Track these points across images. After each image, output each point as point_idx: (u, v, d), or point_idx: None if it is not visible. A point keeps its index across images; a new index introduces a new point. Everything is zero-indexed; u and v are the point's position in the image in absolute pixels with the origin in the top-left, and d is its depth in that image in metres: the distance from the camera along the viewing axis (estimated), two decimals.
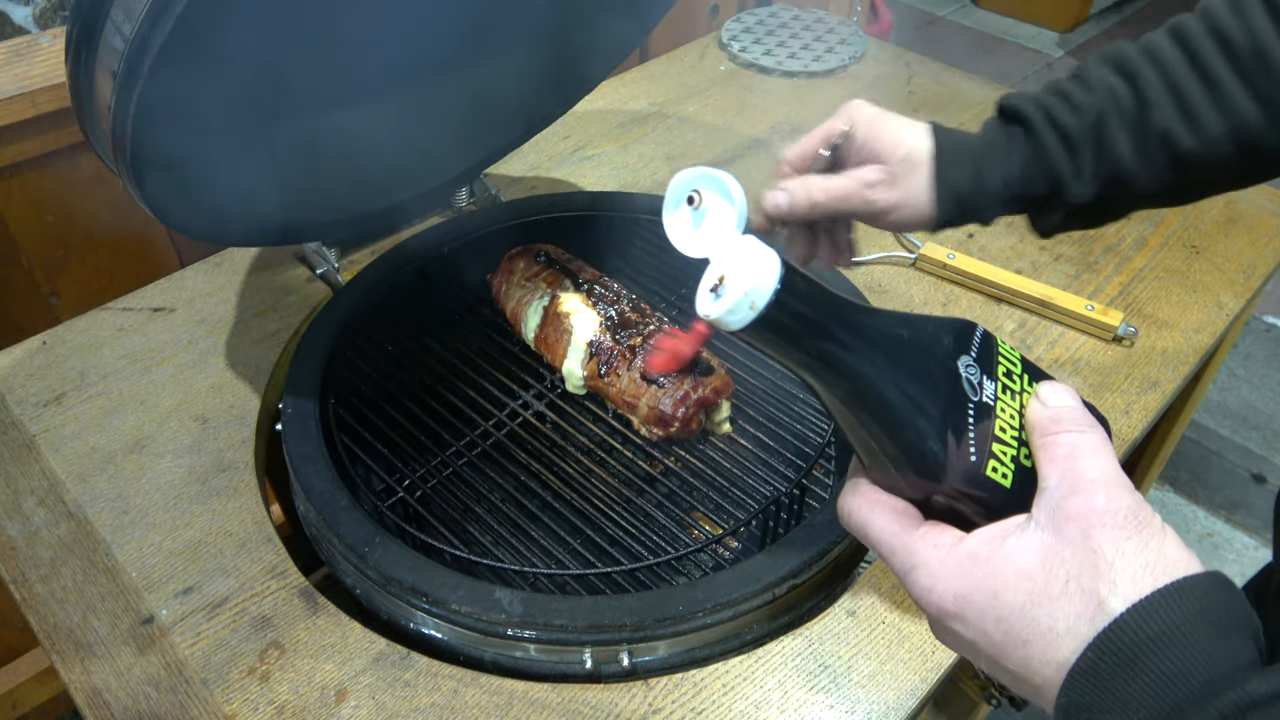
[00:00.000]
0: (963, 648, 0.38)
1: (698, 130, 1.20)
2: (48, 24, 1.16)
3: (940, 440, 0.37)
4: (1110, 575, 0.33)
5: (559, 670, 0.66)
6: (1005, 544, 0.36)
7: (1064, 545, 0.34)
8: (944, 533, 0.38)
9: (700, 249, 0.40)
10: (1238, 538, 1.82)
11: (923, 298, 0.96)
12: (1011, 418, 0.38)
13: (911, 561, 0.38)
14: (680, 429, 0.79)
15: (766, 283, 0.34)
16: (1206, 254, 1.02)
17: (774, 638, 0.66)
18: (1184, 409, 1.24)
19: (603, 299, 0.85)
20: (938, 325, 0.39)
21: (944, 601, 0.36)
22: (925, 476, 0.37)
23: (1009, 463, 0.37)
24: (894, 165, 0.61)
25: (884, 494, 0.40)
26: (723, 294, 0.35)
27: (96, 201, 1.09)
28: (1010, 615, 0.35)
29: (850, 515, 0.40)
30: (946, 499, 0.38)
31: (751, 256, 0.35)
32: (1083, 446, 0.36)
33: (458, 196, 1.04)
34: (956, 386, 0.37)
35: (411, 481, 0.78)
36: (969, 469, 0.37)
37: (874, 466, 0.40)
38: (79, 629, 0.67)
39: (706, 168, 0.41)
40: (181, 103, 0.61)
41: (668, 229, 0.41)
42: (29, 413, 0.83)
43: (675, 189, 0.42)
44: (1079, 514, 0.34)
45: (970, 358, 0.39)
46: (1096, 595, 0.33)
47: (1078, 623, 0.33)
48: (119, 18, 0.55)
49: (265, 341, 0.89)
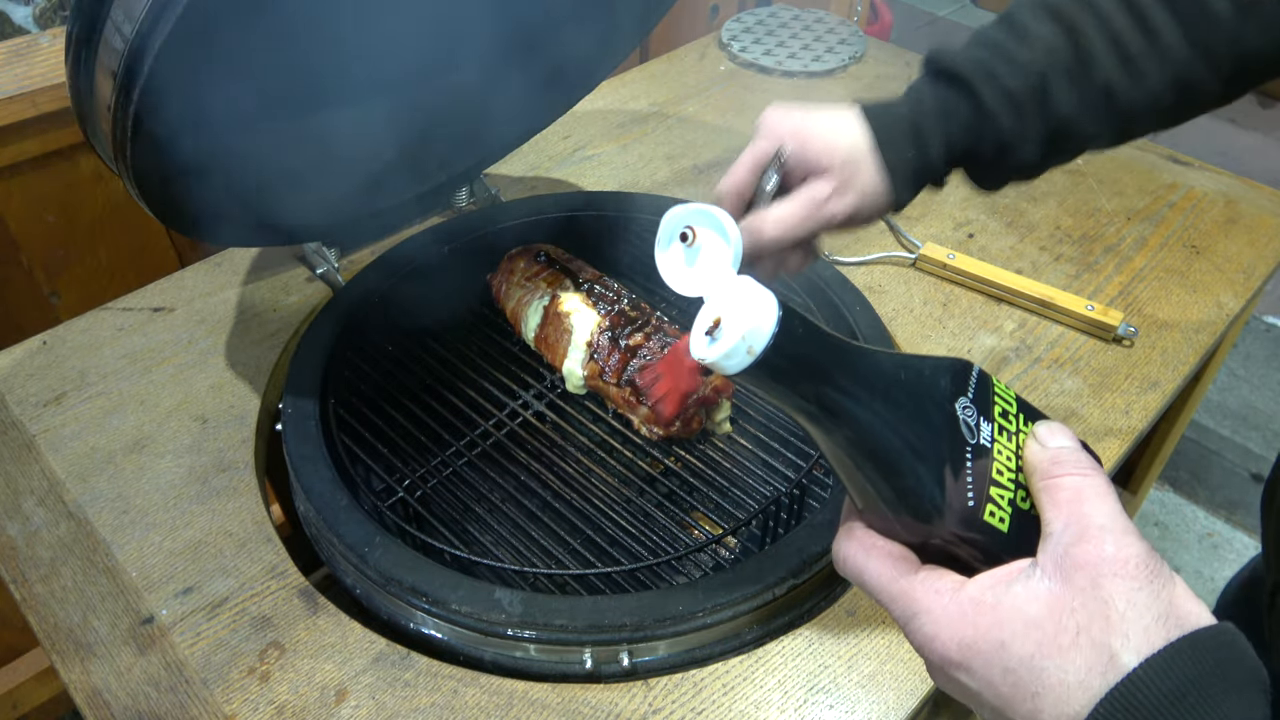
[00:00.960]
0: (966, 697, 0.37)
1: (698, 130, 1.20)
2: (48, 24, 1.16)
3: (938, 484, 0.36)
4: (1123, 628, 0.32)
5: (559, 670, 0.66)
6: (1011, 590, 0.35)
7: (1073, 595, 0.33)
8: (944, 578, 0.37)
9: (694, 287, 0.39)
10: (1238, 538, 1.82)
11: (923, 298, 0.96)
12: (1008, 459, 0.38)
13: (912, 609, 0.37)
14: (680, 429, 0.79)
15: (764, 326, 0.34)
16: (1206, 254, 1.02)
17: (774, 638, 0.66)
18: (1184, 409, 1.24)
19: (603, 299, 0.85)
20: (934, 366, 0.38)
21: (948, 651, 0.35)
22: (922, 520, 0.37)
23: (1006, 506, 0.37)
24: (838, 170, 0.58)
25: (880, 539, 0.39)
26: (719, 338, 0.34)
27: (96, 201, 1.09)
28: (1019, 666, 0.34)
29: (846, 561, 0.39)
30: (943, 543, 0.37)
31: (748, 299, 0.34)
32: (1087, 490, 0.36)
33: (458, 196, 1.04)
34: (954, 429, 0.37)
35: (411, 481, 0.78)
36: (966, 513, 0.36)
37: (869, 510, 0.39)
38: (79, 629, 0.67)
39: (700, 204, 0.40)
40: (181, 103, 0.61)
41: (660, 266, 0.40)
42: (29, 413, 0.83)
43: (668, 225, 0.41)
44: (1088, 562, 0.34)
45: (967, 399, 0.38)
46: (1109, 648, 0.32)
47: (1089, 676, 0.32)
48: (119, 18, 0.55)
49: (265, 341, 0.89)
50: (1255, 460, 1.88)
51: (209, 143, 0.67)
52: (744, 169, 0.59)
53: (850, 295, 0.90)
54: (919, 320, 0.93)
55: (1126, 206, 1.08)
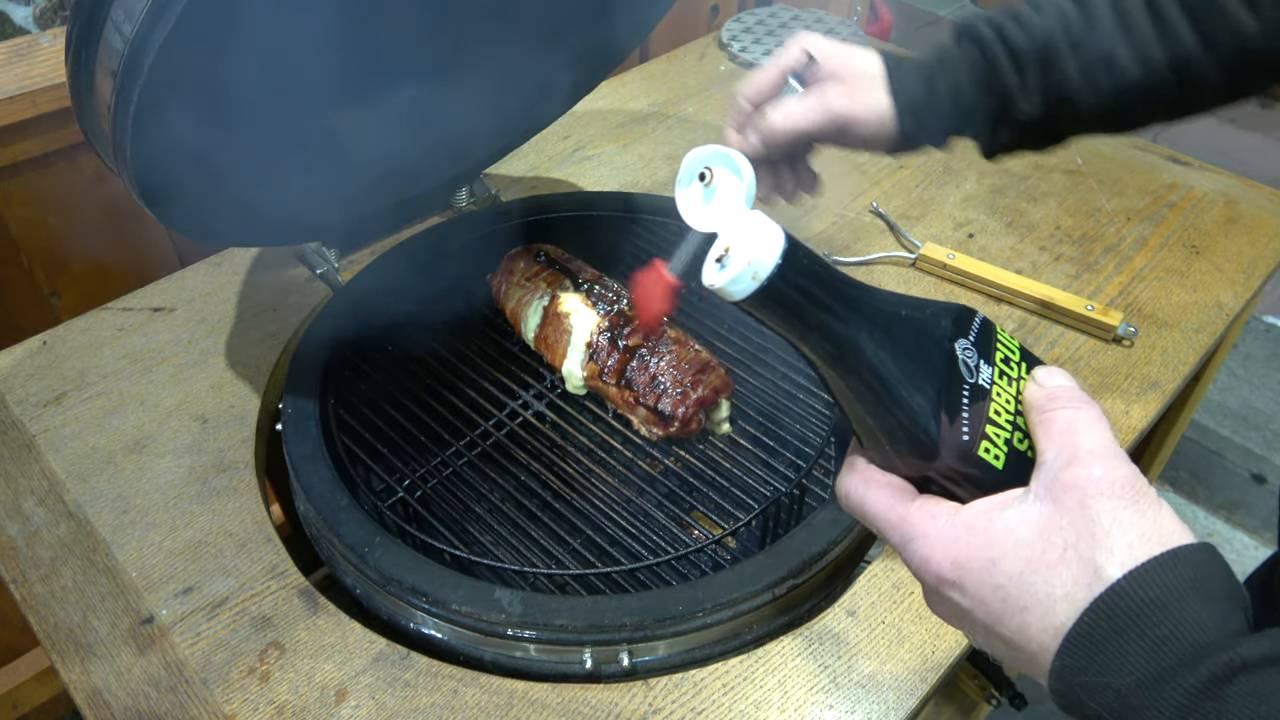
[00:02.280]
0: (959, 617, 0.38)
1: (698, 130, 1.20)
2: (48, 24, 1.16)
3: (934, 419, 0.37)
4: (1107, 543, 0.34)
5: (559, 670, 0.66)
6: (1003, 514, 0.36)
7: (1062, 514, 0.35)
8: (940, 504, 0.38)
9: (709, 223, 0.41)
10: (1238, 538, 1.82)
11: None
12: (1007, 402, 0.39)
13: (909, 533, 0.38)
14: (680, 429, 0.79)
15: (769, 255, 0.35)
16: (1206, 254, 1.02)
17: (774, 638, 0.66)
18: (1184, 409, 1.24)
19: (602, 299, 0.85)
20: (938, 308, 0.40)
21: (942, 569, 0.37)
22: (918, 454, 0.38)
23: (1002, 445, 0.38)
24: (850, 80, 0.64)
25: (880, 472, 0.40)
26: (727, 264, 0.36)
27: (96, 201, 1.09)
28: (1008, 582, 0.35)
29: (848, 494, 0.41)
30: (940, 477, 0.38)
31: (757, 230, 0.36)
32: (1079, 421, 0.37)
33: (458, 196, 1.04)
34: (953, 367, 0.38)
35: (411, 481, 0.78)
36: (962, 448, 0.37)
37: (871, 445, 0.40)
38: (79, 629, 0.67)
39: (718, 146, 0.42)
40: (182, 103, 0.61)
41: (679, 203, 0.43)
42: (29, 413, 0.83)
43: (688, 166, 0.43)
44: (1076, 484, 0.35)
45: (968, 341, 0.39)
46: (1093, 562, 0.33)
47: (1075, 589, 0.34)
48: (119, 18, 0.55)
49: (265, 341, 0.89)
50: (1255, 460, 1.88)
51: (209, 143, 0.67)
52: (770, 72, 0.65)
53: None
54: None
55: (1126, 206, 1.08)
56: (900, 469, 0.40)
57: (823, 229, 1.04)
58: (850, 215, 1.06)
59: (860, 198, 1.09)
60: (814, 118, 0.64)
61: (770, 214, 0.37)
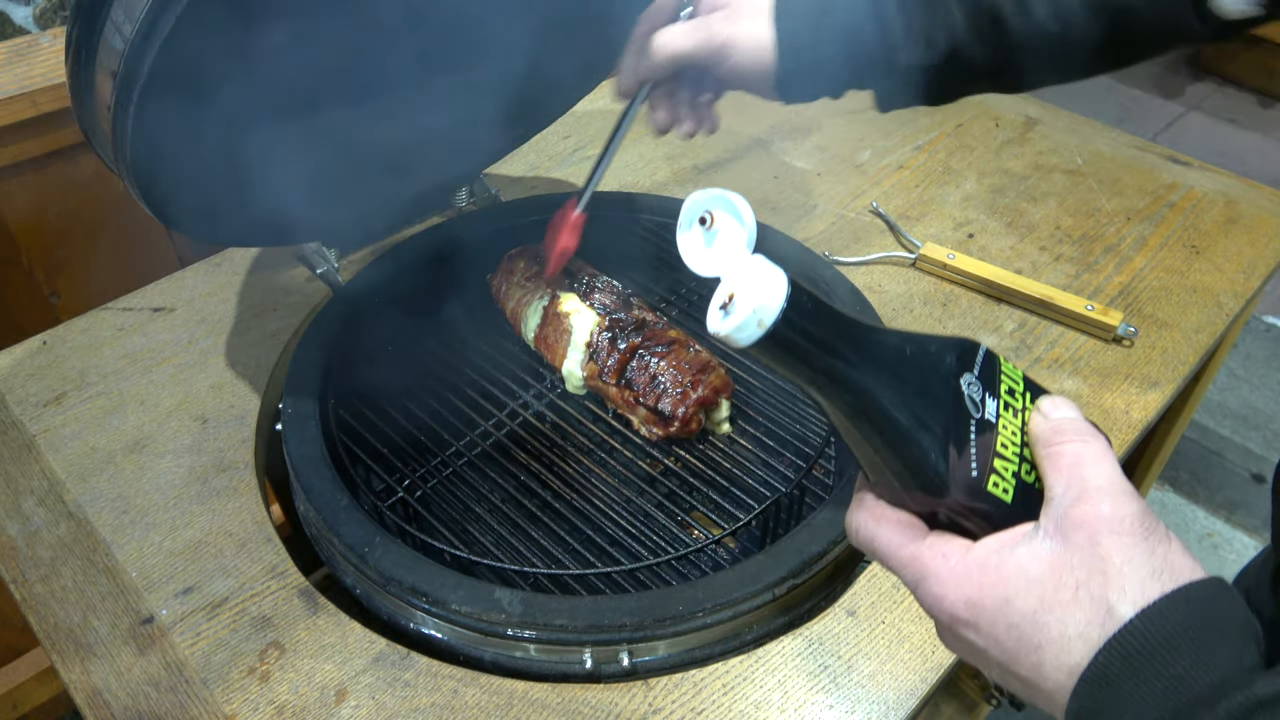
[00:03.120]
0: (974, 655, 0.38)
1: None
2: (48, 24, 1.16)
3: (943, 456, 0.37)
4: (1119, 582, 0.34)
5: (559, 670, 0.66)
6: (1015, 552, 0.36)
7: (1072, 552, 0.35)
8: (951, 542, 0.38)
9: (712, 268, 0.41)
10: (1238, 538, 1.82)
11: (923, 298, 0.96)
12: (1013, 434, 0.39)
13: (921, 572, 0.38)
14: (680, 429, 0.79)
15: (774, 301, 0.35)
16: (1206, 254, 1.02)
17: (774, 638, 0.66)
18: (1184, 409, 1.24)
19: (603, 299, 0.85)
20: (941, 344, 0.40)
21: (956, 609, 0.37)
22: (928, 491, 0.38)
23: (1010, 478, 0.38)
24: (736, 7, 0.65)
25: (889, 508, 0.40)
26: (732, 311, 0.36)
27: (96, 201, 1.09)
28: (1022, 621, 0.35)
29: (858, 530, 0.41)
30: (949, 513, 0.39)
31: (760, 276, 0.36)
32: (1086, 455, 0.37)
33: (458, 196, 1.04)
34: (959, 403, 0.38)
35: (411, 481, 0.78)
36: (970, 484, 0.37)
37: (879, 481, 0.40)
38: (79, 629, 0.67)
39: (718, 190, 0.42)
40: (182, 104, 0.61)
41: (681, 248, 0.43)
42: (29, 413, 0.83)
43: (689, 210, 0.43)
44: (1086, 521, 0.35)
45: (973, 375, 0.39)
46: (1106, 601, 0.33)
47: (1088, 628, 0.34)
48: (119, 18, 0.56)
49: (265, 341, 0.89)
50: (1255, 460, 1.88)
51: (209, 142, 0.67)
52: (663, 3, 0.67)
53: (850, 295, 0.90)
54: (919, 320, 0.93)
55: (1126, 206, 1.08)
56: (909, 505, 0.40)
57: (823, 229, 1.04)
58: (850, 215, 1.06)
59: (860, 198, 1.09)
60: (693, 39, 0.65)
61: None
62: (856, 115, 1.23)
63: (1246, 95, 3.00)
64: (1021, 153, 1.17)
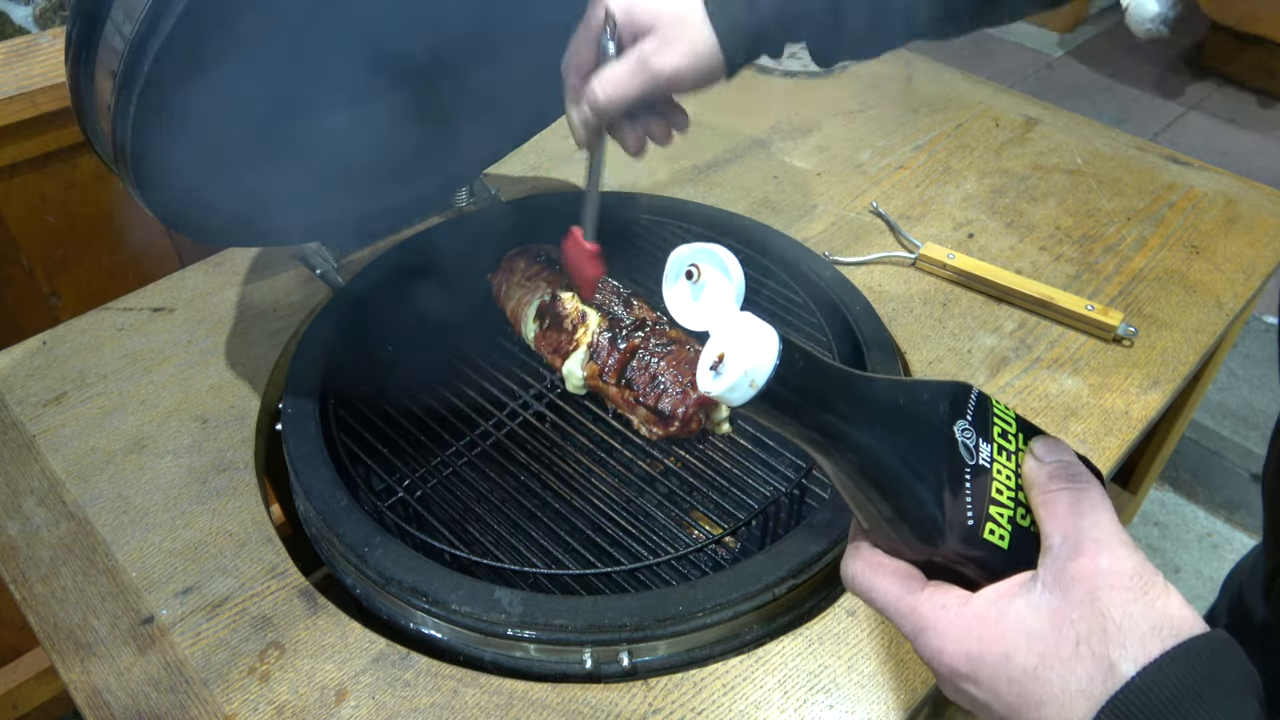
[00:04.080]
0: (976, 707, 0.38)
1: (698, 130, 1.20)
2: (48, 24, 1.16)
3: (938, 505, 0.37)
4: (1120, 637, 0.34)
5: (559, 670, 0.66)
6: (1013, 605, 0.36)
7: (1072, 607, 0.35)
8: (949, 593, 0.38)
9: (699, 322, 0.41)
10: (1238, 538, 1.82)
11: (923, 298, 0.96)
12: (1008, 478, 0.39)
13: (920, 624, 0.38)
14: (680, 429, 0.79)
15: (765, 361, 0.35)
16: (1206, 254, 1.02)
17: (774, 638, 0.66)
18: (1184, 409, 1.24)
19: (603, 299, 0.85)
20: (934, 391, 0.40)
21: (955, 663, 0.37)
22: (924, 540, 0.38)
23: (1006, 524, 0.38)
24: (665, 27, 0.60)
25: (886, 557, 0.40)
26: (723, 372, 0.36)
27: (96, 201, 1.09)
28: (1023, 677, 0.35)
29: (854, 579, 0.41)
30: (946, 561, 0.39)
31: (750, 335, 0.36)
32: (1083, 503, 0.37)
33: (458, 196, 1.04)
34: (953, 452, 0.38)
35: (411, 481, 0.78)
36: (967, 532, 0.37)
37: (874, 530, 0.40)
38: (79, 629, 0.67)
39: (704, 244, 0.42)
40: (181, 103, 0.61)
41: (667, 301, 0.43)
42: (29, 413, 0.83)
43: (674, 263, 0.43)
44: (1085, 576, 0.35)
45: (966, 421, 0.39)
46: (1107, 658, 0.34)
47: (1090, 685, 0.34)
48: (119, 18, 0.55)
49: (265, 341, 0.89)
50: (1255, 460, 1.88)
51: (209, 143, 0.67)
52: (579, 40, 0.62)
53: (850, 295, 0.90)
54: (919, 320, 0.93)
55: (1126, 206, 1.08)
56: (906, 553, 0.40)
57: (823, 229, 1.04)
58: (850, 215, 1.06)
59: (860, 198, 1.09)
60: (636, 83, 0.61)
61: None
62: (856, 115, 1.24)
63: (1246, 95, 3.00)
64: (1021, 153, 1.17)
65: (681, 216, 1.00)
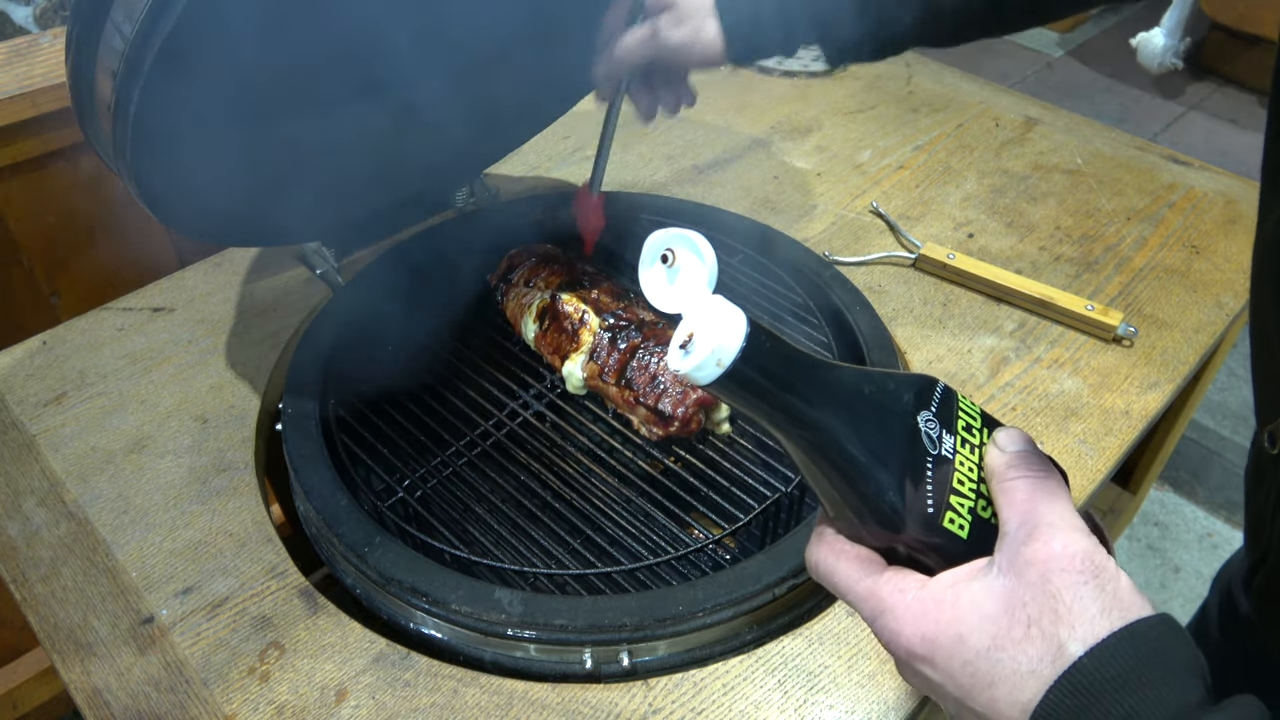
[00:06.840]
0: (930, 689, 0.39)
1: (698, 130, 1.20)
2: (48, 24, 1.16)
3: (899, 492, 0.38)
4: (1069, 619, 0.34)
5: (559, 670, 0.66)
6: (969, 588, 0.37)
7: (1024, 589, 0.36)
8: (907, 578, 0.39)
9: (673, 305, 0.42)
10: (1238, 538, 1.82)
11: (923, 298, 0.96)
12: (970, 470, 0.40)
13: (878, 608, 0.39)
14: (680, 429, 0.79)
15: (732, 342, 0.36)
16: (1206, 254, 1.02)
17: (774, 638, 0.66)
18: (1184, 409, 1.24)
19: (603, 299, 0.85)
20: (900, 382, 0.41)
21: (911, 644, 0.38)
22: (885, 526, 0.39)
23: (966, 514, 0.39)
24: (680, 9, 0.72)
25: (848, 543, 0.41)
26: (691, 351, 0.37)
27: (96, 201, 1.09)
28: (976, 658, 0.36)
29: (817, 565, 0.42)
30: (906, 548, 0.39)
31: (719, 316, 0.37)
32: (1039, 491, 0.38)
33: (458, 196, 1.04)
34: (916, 441, 0.39)
35: (411, 481, 0.78)
36: (926, 520, 0.38)
37: (838, 516, 0.41)
38: (79, 629, 0.67)
39: (680, 229, 0.44)
40: (181, 103, 0.61)
41: (643, 284, 0.44)
42: (29, 413, 0.83)
43: (650, 248, 0.44)
44: (1037, 559, 0.36)
45: (930, 413, 0.40)
46: (1057, 638, 0.34)
47: (1040, 665, 0.34)
48: (119, 18, 0.56)
49: (265, 341, 0.89)
50: None
51: (208, 143, 0.67)
52: (615, 9, 0.76)
53: (850, 295, 0.90)
54: (919, 320, 0.93)
55: (1126, 206, 1.08)
56: (867, 540, 0.40)
57: (823, 229, 1.04)
58: (850, 215, 1.06)
59: (860, 198, 1.09)
60: (646, 49, 0.73)
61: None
62: (856, 115, 1.24)
63: (1246, 95, 3.00)
64: (1021, 153, 1.17)
65: (681, 216, 1.00)
